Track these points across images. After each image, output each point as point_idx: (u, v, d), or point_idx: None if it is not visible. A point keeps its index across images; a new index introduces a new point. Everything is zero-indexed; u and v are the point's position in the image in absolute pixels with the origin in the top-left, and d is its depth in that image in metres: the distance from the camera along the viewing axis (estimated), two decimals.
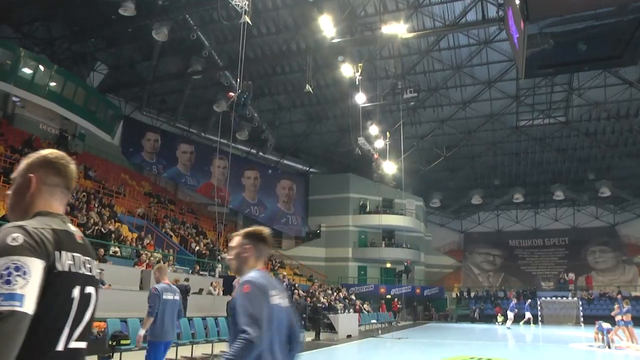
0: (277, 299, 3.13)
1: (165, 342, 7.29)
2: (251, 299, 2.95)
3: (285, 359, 3.16)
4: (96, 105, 33.46)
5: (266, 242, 3.39)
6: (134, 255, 20.84)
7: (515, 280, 48.51)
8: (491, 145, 42.72)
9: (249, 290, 3.00)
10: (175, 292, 7.53)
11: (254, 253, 3.32)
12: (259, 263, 3.33)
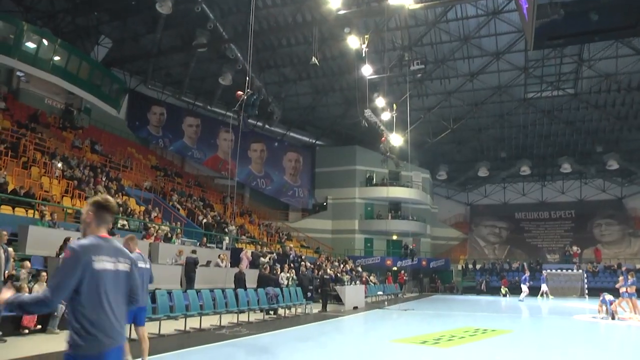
0: (106, 264, 3.44)
1: (138, 308, 7.44)
2: (64, 266, 3.33)
3: (122, 316, 3.54)
4: (101, 79, 33.35)
5: (108, 210, 3.64)
6: (141, 228, 20.98)
7: (520, 252, 48.66)
8: (498, 118, 42.45)
9: (66, 257, 3.37)
10: (147, 261, 8.01)
11: (95, 220, 3.59)
12: (101, 229, 3.60)
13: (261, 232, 35.10)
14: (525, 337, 13.92)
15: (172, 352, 9.59)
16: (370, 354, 10.09)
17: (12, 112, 26.88)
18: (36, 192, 18.35)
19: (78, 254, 3.35)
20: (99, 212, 3.61)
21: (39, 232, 14.37)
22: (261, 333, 12.84)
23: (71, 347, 3.26)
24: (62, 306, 11.74)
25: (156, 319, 11.71)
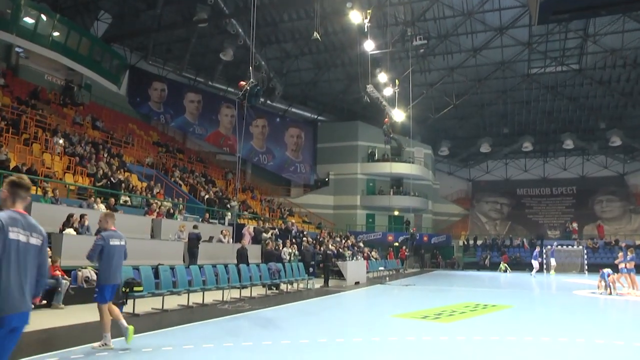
0: (20, 236, 3.78)
1: (113, 285, 7.67)
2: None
3: (28, 286, 3.84)
4: (101, 55, 33.12)
5: (22, 187, 4.02)
6: (144, 205, 21.03)
7: (521, 228, 48.82)
8: (501, 94, 42.23)
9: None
10: (122, 238, 7.91)
11: (10, 197, 3.97)
12: (17, 205, 3.97)
13: (263, 208, 35.19)
14: (525, 312, 14.02)
15: (175, 327, 9.68)
16: (371, 329, 10.18)
17: (12, 89, 26.77)
18: (38, 169, 18.35)
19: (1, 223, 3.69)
20: (14, 189, 3.97)
21: (42, 209, 14.41)
22: (264, 308, 12.94)
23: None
24: (66, 281, 11.87)
25: (159, 294, 11.81)
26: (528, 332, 9.93)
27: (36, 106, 25.90)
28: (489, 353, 7.98)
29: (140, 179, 25.10)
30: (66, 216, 14.04)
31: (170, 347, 7.70)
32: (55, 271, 11.84)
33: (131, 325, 7.52)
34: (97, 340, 7.82)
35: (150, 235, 17.81)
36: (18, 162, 18.02)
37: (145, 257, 14.97)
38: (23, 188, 4.02)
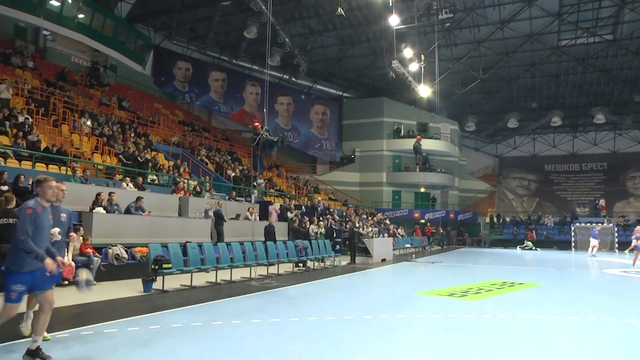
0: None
1: None
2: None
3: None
4: (125, 36, 33.39)
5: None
6: (171, 183, 21.26)
7: (549, 205, 48.16)
8: (529, 67, 41.26)
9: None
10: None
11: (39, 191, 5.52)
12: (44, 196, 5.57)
13: (289, 185, 35.30)
14: (553, 290, 13.85)
15: (203, 303, 9.82)
16: (398, 306, 10.19)
17: (41, 71, 27.12)
18: (67, 150, 18.64)
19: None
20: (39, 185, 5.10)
21: (72, 188, 14.61)
22: (291, 285, 13.05)
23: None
24: (97, 259, 12.10)
25: (187, 271, 11.99)
26: (556, 310, 9.83)
27: (64, 88, 26.22)
28: (516, 331, 7.94)
29: (167, 157, 25.34)
30: (95, 195, 14.25)
31: (199, 323, 7.82)
32: (87, 249, 12.06)
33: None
34: (127, 316, 7.98)
35: (178, 213, 18.02)
36: (48, 143, 18.32)
37: (173, 235, 15.18)
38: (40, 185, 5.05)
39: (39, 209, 5.47)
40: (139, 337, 6.75)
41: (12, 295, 5.31)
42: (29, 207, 5.44)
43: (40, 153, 16.87)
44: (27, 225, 5.32)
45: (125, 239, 13.87)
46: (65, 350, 6.00)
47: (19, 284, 5.32)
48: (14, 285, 5.30)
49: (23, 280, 5.34)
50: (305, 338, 7.08)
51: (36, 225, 5.38)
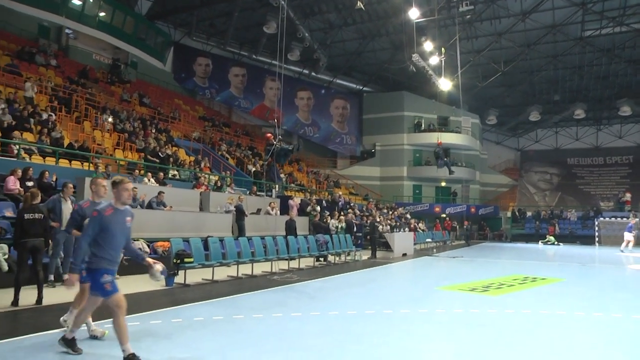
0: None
1: None
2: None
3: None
4: (146, 33, 33.79)
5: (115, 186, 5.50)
6: (192, 178, 21.40)
7: (572, 199, 47.54)
8: (552, 59, 40.53)
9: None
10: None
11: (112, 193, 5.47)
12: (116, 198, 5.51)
13: (310, 180, 35.33)
14: (577, 286, 13.70)
15: (225, 297, 9.89)
16: (419, 301, 10.16)
17: (63, 69, 27.51)
18: (89, 146, 18.86)
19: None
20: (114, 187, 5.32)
21: None
22: (311, 279, 13.07)
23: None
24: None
25: (209, 265, 12.07)
26: (579, 306, 9.70)
27: (86, 85, 26.55)
28: (538, 327, 7.85)
29: (188, 153, 25.53)
30: None
31: (220, 317, 7.87)
32: None
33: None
34: (150, 309, 8.07)
35: (199, 208, 18.14)
36: (71, 140, 18.56)
37: (195, 230, 15.29)
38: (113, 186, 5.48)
39: (109, 212, 5.39)
40: (161, 330, 6.82)
41: (107, 286, 5.35)
42: (95, 209, 5.43)
43: (63, 149, 17.10)
44: (90, 228, 5.34)
45: (147, 234, 14.02)
46: (89, 342, 6.08)
47: (105, 274, 5.35)
48: (102, 278, 5.31)
49: (106, 272, 5.40)
50: (327, 332, 7.08)
51: (104, 228, 5.33)
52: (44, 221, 8.81)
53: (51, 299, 8.67)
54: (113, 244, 5.45)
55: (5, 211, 11.62)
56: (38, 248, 8.57)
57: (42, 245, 8.72)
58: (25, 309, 8.08)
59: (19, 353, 5.60)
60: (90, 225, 5.34)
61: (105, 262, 5.39)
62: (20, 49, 25.83)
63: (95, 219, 5.32)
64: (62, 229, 10.44)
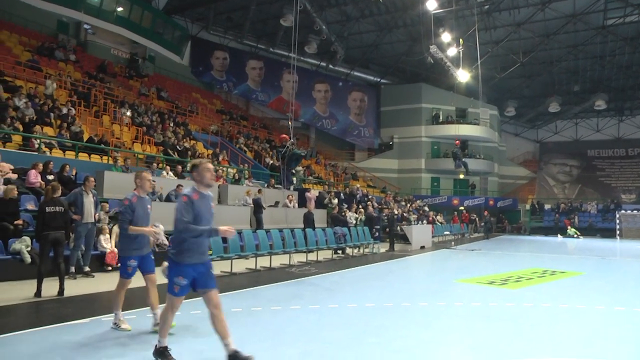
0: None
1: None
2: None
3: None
4: (163, 27, 34.03)
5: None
6: None
7: (592, 192, 46.90)
8: (572, 49, 39.79)
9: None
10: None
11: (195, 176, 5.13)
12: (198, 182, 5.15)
13: (328, 173, 35.33)
14: (597, 279, 13.53)
15: (243, 290, 9.95)
16: (437, 294, 10.13)
17: (82, 64, 27.79)
18: (108, 139, 19.05)
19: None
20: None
21: (114, 177, 15.00)
22: (330, 272, 13.09)
23: None
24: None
25: (228, 258, 12.15)
26: (600, 300, 9.59)
27: (104, 79, 26.79)
28: (558, 321, 7.78)
29: (206, 146, 25.67)
30: None
31: (239, 309, 7.92)
32: None
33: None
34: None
35: (217, 201, 18.23)
36: (91, 134, 18.75)
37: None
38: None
39: (195, 196, 5.02)
40: (180, 322, 6.87)
41: (175, 288, 4.98)
42: (184, 194, 5.04)
43: (83, 143, 17.29)
44: (184, 212, 4.88)
45: (166, 226, 14.10)
46: (110, 333, 6.16)
47: (181, 276, 4.95)
48: (176, 278, 4.96)
49: (184, 273, 4.96)
50: (345, 325, 7.09)
51: (197, 215, 4.96)
52: (65, 214, 8.93)
53: (72, 290, 8.81)
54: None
55: (27, 204, 11.79)
56: (59, 240, 8.70)
57: (63, 237, 8.84)
58: (47, 300, 8.21)
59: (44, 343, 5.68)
60: (184, 210, 4.87)
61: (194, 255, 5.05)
62: (41, 45, 26.12)
63: (186, 205, 4.90)
64: (84, 221, 10.61)
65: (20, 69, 21.84)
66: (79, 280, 10.30)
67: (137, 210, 6.42)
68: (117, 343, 5.80)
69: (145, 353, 5.38)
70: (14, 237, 10.25)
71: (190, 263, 4.97)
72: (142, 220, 6.46)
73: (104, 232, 11.86)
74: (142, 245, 6.56)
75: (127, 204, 6.43)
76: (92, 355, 5.28)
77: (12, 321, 6.90)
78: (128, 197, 6.52)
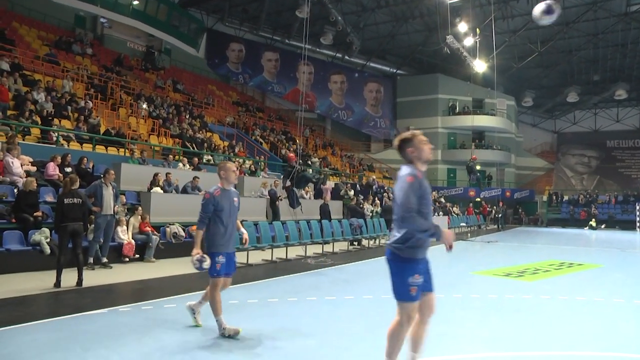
0: None
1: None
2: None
3: None
4: (179, 20, 34.18)
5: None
6: None
7: (611, 183, 46.32)
8: (592, 37, 38.90)
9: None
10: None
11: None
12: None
13: (343, 164, 35.29)
14: (616, 272, 13.36)
15: (260, 281, 10.01)
16: (453, 286, 10.08)
17: (99, 57, 28.00)
18: (125, 132, 19.19)
19: None
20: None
21: (131, 169, 15.12)
22: (346, 263, 13.11)
23: None
24: (156, 237, 12.44)
25: (244, 249, 12.18)
26: (618, 293, 9.48)
27: (120, 72, 26.97)
28: (575, 313, 7.72)
29: (222, 138, 25.77)
30: (153, 175, 14.64)
31: (255, 300, 7.96)
32: (146, 227, 12.44)
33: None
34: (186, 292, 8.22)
35: None
36: (107, 126, 18.91)
37: None
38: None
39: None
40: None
41: (412, 291, 4.30)
42: (409, 174, 4.39)
43: (100, 136, 17.44)
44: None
45: (182, 218, 14.21)
46: (127, 322, 6.22)
47: (416, 274, 4.34)
48: (411, 278, 4.30)
49: (417, 270, 4.38)
50: (361, 316, 7.10)
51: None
52: (83, 206, 9.02)
53: (91, 281, 8.91)
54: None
55: (46, 196, 11.93)
56: (78, 232, 8.80)
57: (82, 229, 8.94)
58: (66, 290, 8.32)
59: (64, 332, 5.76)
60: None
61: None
62: (58, 39, 26.33)
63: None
64: (103, 213, 10.72)
65: (39, 63, 22.04)
66: (97, 271, 10.41)
67: (221, 204, 5.86)
68: (134, 333, 5.86)
69: (162, 343, 5.43)
70: (33, 228, 10.41)
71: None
72: (228, 214, 5.92)
73: (122, 224, 11.97)
74: (229, 242, 6.03)
75: (208, 198, 5.87)
76: (111, 344, 5.34)
77: (32, 310, 7.00)
78: (210, 190, 5.96)
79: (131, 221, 12.29)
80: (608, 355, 5.53)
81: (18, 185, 11.48)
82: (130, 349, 5.24)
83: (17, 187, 11.43)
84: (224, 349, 5.36)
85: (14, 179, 11.72)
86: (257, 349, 5.36)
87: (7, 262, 9.65)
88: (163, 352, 5.14)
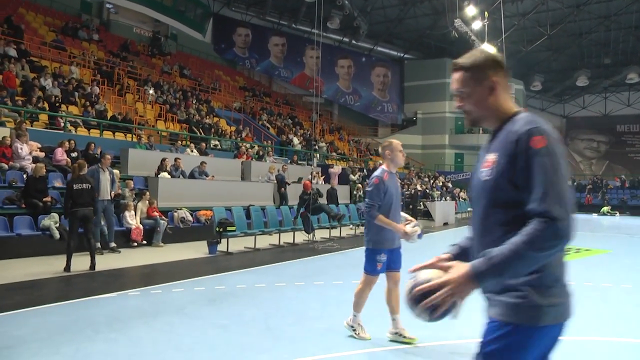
0: None
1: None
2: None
3: None
4: (185, 5, 34.03)
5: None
6: (233, 148, 21.61)
7: (621, 168, 45.94)
8: (604, 19, 38.17)
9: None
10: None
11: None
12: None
13: (351, 149, 35.24)
14: (624, 257, 13.29)
15: (267, 265, 10.05)
16: None
17: (105, 43, 27.94)
18: (132, 117, 19.21)
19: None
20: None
21: (138, 154, 15.16)
22: (352, 248, 13.12)
23: None
24: (164, 222, 12.50)
25: (251, 234, 12.26)
26: (627, 279, 9.44)
27: (127, 58, 26.94)
28: (583, 298, 7.63)
29: (229, 123, 25.77)
30: (160, 160, 14.66)
31: (263, 284, 8.00)
32: (154, 212, 12.50)
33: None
34: (194, 276, 8.27)
35: (241, 177, 18.34)
36: (114, 112, 18.94)
37: (237, 199, 15.47)
38: None
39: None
40: (205, 297, 6.98)
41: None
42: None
43: (107, 122, 17.48)
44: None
45: (190, 203, 14.27)
46: (137, 306, 6.27)
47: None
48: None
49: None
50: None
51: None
52: (91, 191, 9.07)
53: (100, 265, 8.98)
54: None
55: (54, 182, 11.99)
56: (88, 217, 8.85)
57: (91, 214, 8.99)
58: (76, 274, 8.39)
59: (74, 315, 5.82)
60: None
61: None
62: (65, 25, 26.28)
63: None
64: (100, 198, 10.61)
65: (46, 49, 22.04)
66: (106, 255, 10.49)
67: (389, 190, 5.19)
68: (144, 316, 5.91)
69: (171, 327, 5.48)
70: (43, 213, 10.49)
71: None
72: (394, 201, 5.28)
73: (129, 209, 12.03)
74: (395, 237, 5.44)
75: (377, 183, 5.17)
76: (120, 327, 5.39)
77: (44, 294, 7.09)
78: (377, 174, 5.28)
79: (139, 206, 12.35)
80: (615, 341, 5.53)
81: (27, 171, 11.55)
82: (139, 332, 5.29)
83: (26, 173, 11.49)
84: (233, 332, 5.40)
85: (23, 164, 11.78)
86: (265, 334, 5.39)
87: (17, 247, 9.77)
88: (172, 335, 5.19)
